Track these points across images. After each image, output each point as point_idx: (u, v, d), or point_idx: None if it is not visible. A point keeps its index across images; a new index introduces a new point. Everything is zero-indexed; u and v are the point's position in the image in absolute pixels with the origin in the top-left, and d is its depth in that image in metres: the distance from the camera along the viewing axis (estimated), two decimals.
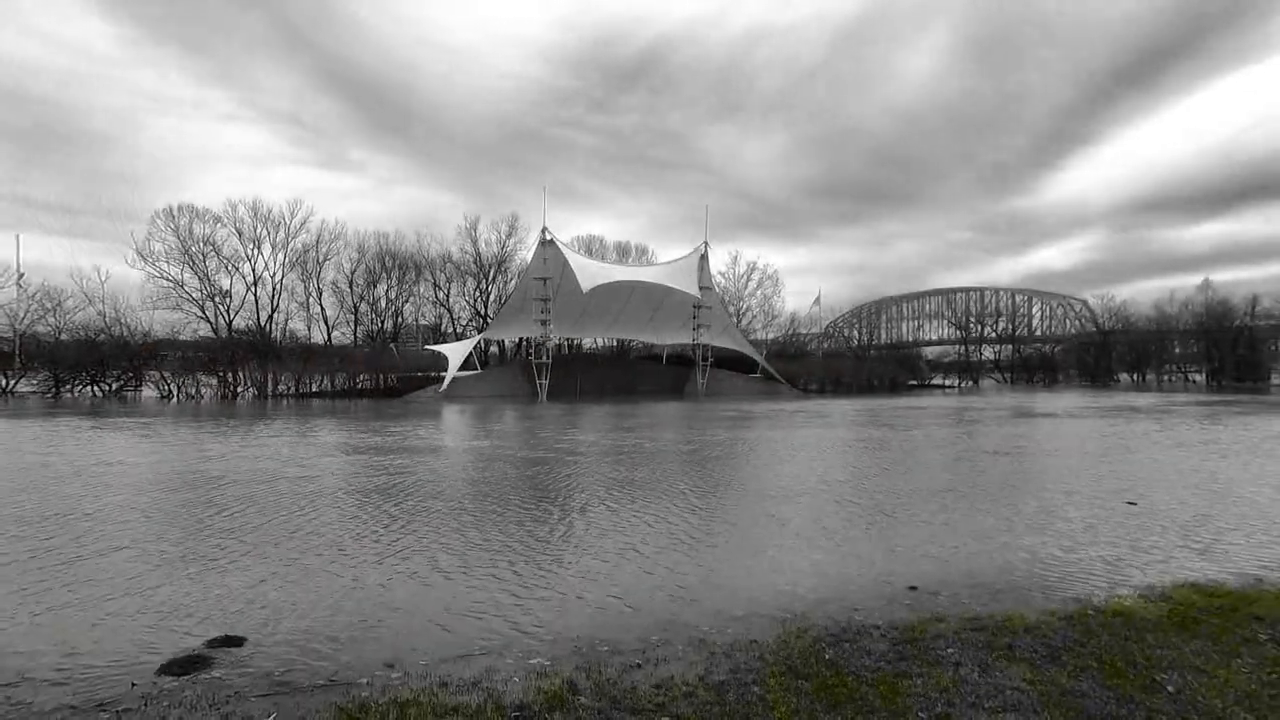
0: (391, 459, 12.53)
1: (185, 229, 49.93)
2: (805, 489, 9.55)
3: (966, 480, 10.42)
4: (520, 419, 24.95)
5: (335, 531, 6.97)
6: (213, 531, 6.93)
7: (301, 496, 8.78)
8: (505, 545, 6.46)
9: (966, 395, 51.69)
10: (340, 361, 44.68)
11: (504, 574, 5.56)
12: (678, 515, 7.84)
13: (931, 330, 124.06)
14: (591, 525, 7.33)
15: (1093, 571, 5.63)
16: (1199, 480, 10.28)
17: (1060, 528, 7.19)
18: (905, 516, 7.78)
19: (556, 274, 42.57)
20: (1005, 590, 5.14)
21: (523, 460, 12.69)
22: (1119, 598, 4.90)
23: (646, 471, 11.17)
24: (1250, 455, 13.28)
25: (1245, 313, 79.26)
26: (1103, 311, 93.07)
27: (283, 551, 6.18)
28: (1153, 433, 18.20)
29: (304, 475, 10.60)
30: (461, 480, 10.35)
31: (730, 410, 29.57)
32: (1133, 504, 8.27)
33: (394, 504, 8.38)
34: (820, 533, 7.02)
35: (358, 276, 58.94)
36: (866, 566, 5.83)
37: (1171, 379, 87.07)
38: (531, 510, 8.07)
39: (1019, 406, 33.03)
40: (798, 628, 4.41)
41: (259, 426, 19.98)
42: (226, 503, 8.41)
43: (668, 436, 17.50)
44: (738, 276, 72.73)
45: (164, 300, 48.85)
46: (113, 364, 40.97)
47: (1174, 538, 6.77)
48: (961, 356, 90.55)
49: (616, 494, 9.14)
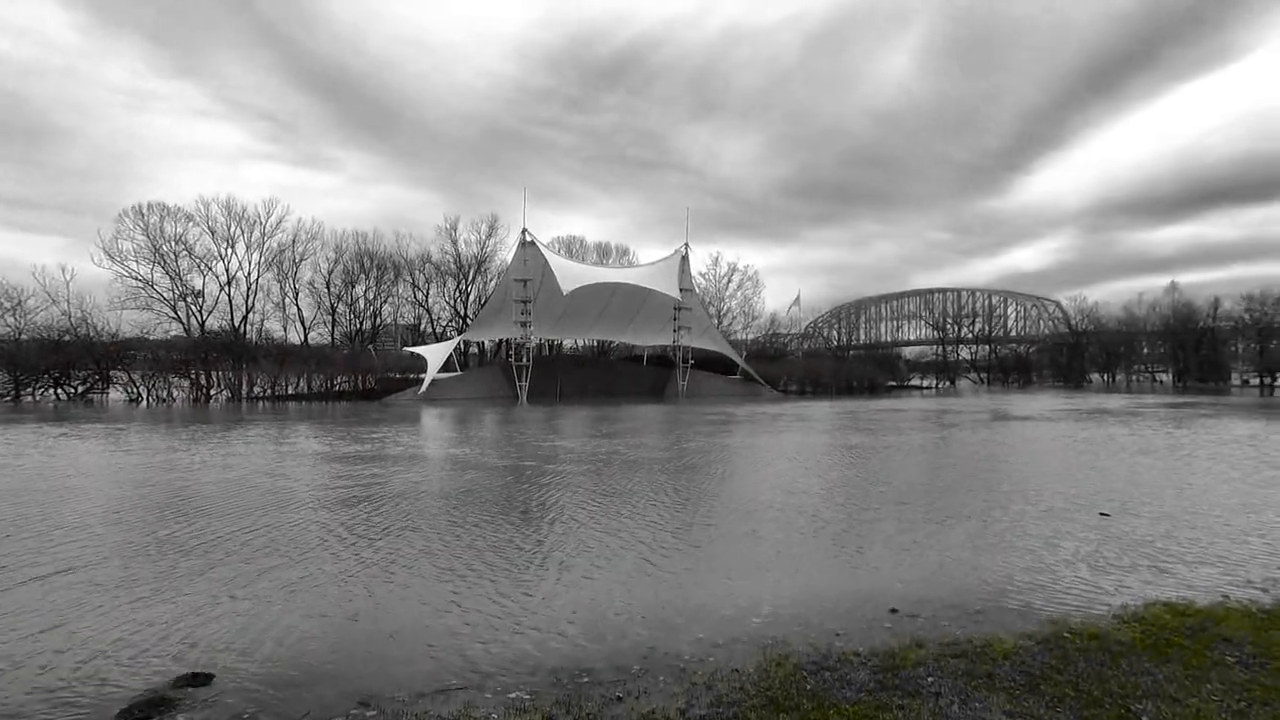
0: (366, 469, 12.32)
1: (155, 227, 48.74)
2: (784, 502, 9.58)
3: (944, 492, 10.54)
4: (499, 424, 24.75)
5: (307, 556, 6.81)
6: (177, 553, 6.72)
7: (270, 511, 8.57)
8: (484, 569, 6.37)
9: (944, 397, 52.49)
10: (317, 364, 43.93)
11: (482, 601, 5.47)
12: (656, 532, 7.80)
13: (910, 330, 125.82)
14: (569, 545, 7.26)
15: (1068, 590, 5.71)
16: (1169, 490, 10.51)
17: (1034, 543, 7.28)
18: (885, 532, 7.83)
19: (537, 275, 42.35)
20: (983, 612, 5.18)
21: (500, 470, 12.56)
22: (1093, 620, 4.97)
23: (625, 483, 11.12)
24: (1213, 462, 13.65)
25: (1208, 315, 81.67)
26: (1075, 313, 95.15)
27: (251, 577, 6.02)
28: (1123, 438, 18.63)
29: (274, 489, 10.36)
30: (437, 495, 10.20)
31: (711, 414, 29.65)
32: (1105, 515, 8.42)
33: (368, 524, 8.22)
34: (801, 550, 7.04)
35: (335, 277, 58.06)
36: (848, 586, 5.84)
37: (1140, 379, 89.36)
38: (508, 531, 7.98)
39: (995, 409, 33.61)
40: (779, 655, 4.39)
41: (231, 433, 19.53)
42: (191, 521, 8.17)
43: (647, 443, 17.47)
44: (719, 277, 73.03)
45: (133, 300, 47.62)
46: (78, 366, 39.81)
47: (1146, 552, 6.90)
48: (939, 357, 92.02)
49: (593, 509, 9.08)
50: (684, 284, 48.04)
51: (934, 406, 37.40)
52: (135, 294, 47.83)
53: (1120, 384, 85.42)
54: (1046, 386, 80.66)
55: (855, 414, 30.16)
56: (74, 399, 38.54)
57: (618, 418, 27.68)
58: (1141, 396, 49.41)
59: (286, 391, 42.10)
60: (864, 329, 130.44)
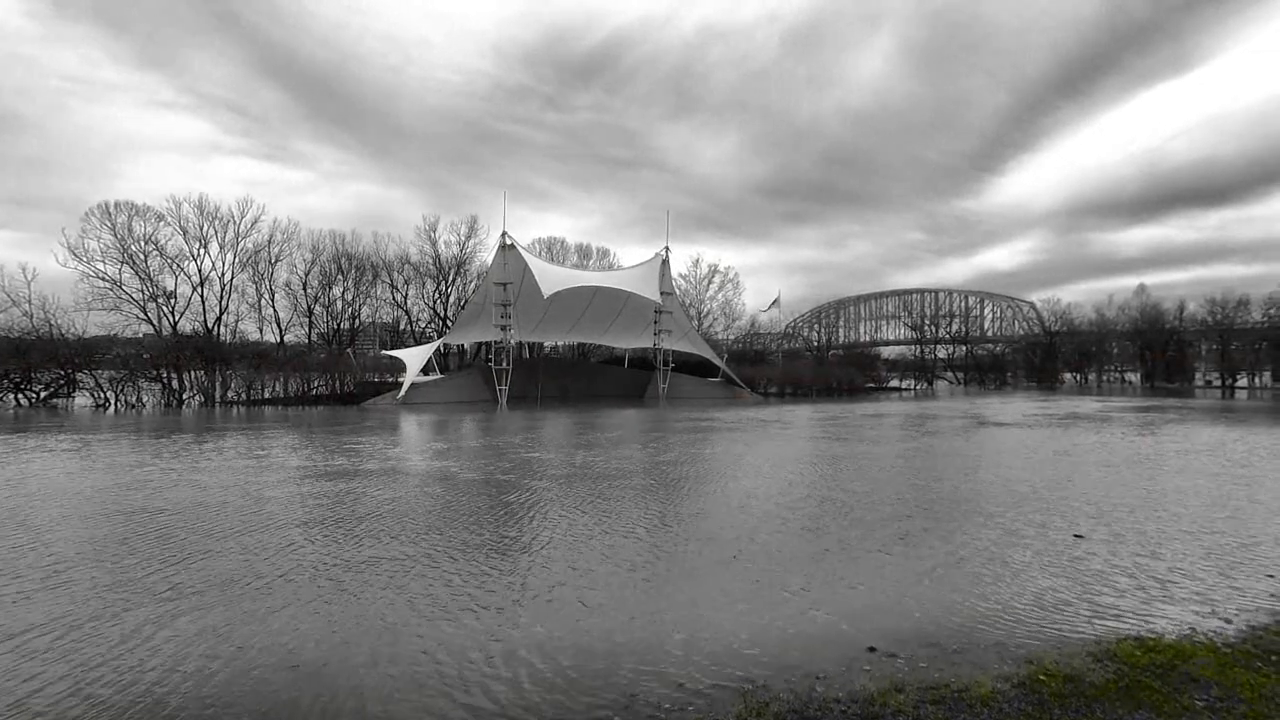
0: (342, 485, 12.09)
1: (124, 227, 47.50)
2: (762, 525, 9.61)
3: (922, 511, 10.65)
4: (478, 432, 24.53)
5: (274, 589, 6.64)
6: (139, 592, 6.51)
7: (238, 535, 8.36)
8: (459, 605, 6.26)
9: (923, 400, 53.23)
10: (295, 368, 43.15)
11: (454, 640, 5.37)
12: (634, 559, 7.76)
13: (889, 331, 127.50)
14: (543, 575, 7.18)
15: (1044, 623, 5.78)
16: (1144, 507, 10.74)
17: (1009, 570, 7.38)
18: (864, 558, 7.88)
19: (517, 278, 42.10)
20: (961, 651, 5.22)
21: (476, 486, 12.41)
22: (1068, 658, 5.03)
23: (603, 502, 11.06)
24: (1182, 478, 13.98)
25: (1174, 317, 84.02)
26: (1049, 314, 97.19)
27: (220, 609, 5.85)
28: (1098, 448, 19.03)
29: (246, 511, 10.12)
30: (410, 514, 10.03)
31: (691, 419, 29.71)
32: (1079, 537, 8.57)
33: (340, 553, 8.05)
34: (781, 579, 7.03)
35: (312, 278, 57.14)
36: (827, 620, 5.85)
37: (1110, 379, 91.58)
38: (480, 561, 7.87)
39: (973, 414, 34.16)
40: (759, 703, 4.38)
41: (206, 444, 19.07)
42: (159, 543, 7.94)
43: (627, 454, 17.44)
44: (699, 279, 73.27)
45: (100, 301, 46.38)
46: (41, 370, 38.63)
47: (1119, 579, 7.02)
48: (917, 357, 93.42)
49: (569, 532, 9.00)
50: (664, 287, 48.08)
51: (914, 410, 37.89)
52: (103, 295, 46.62)
53: (1092, 384, 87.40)
54: (1021, 387, 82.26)
55: (836, 419, 30.43)
56: (36, 404, 37.38)
57: (598, 424, 27.59)
58: (1111, 400, 50.62)
59: (262, 395, 41.32)
60: (843, 329, 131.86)
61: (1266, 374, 77.42)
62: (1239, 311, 77.60)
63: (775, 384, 58.34)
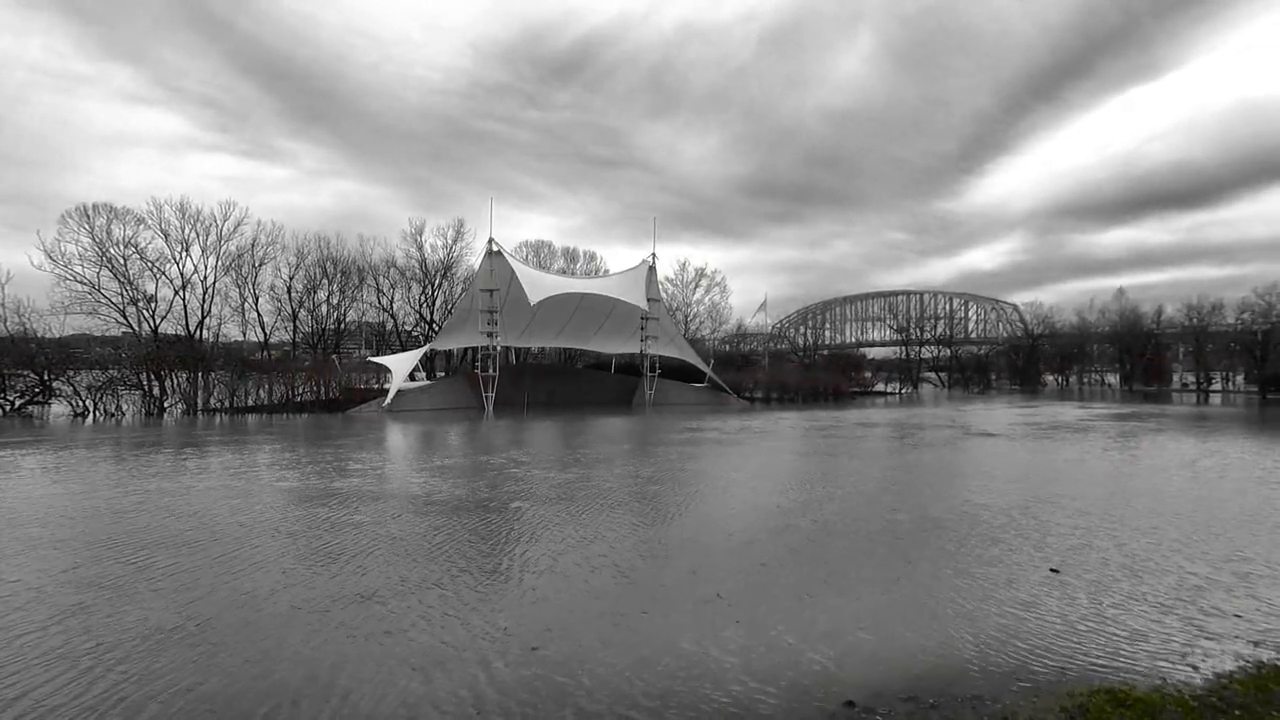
0: (325, 512, 11.97)
1: (103, 230, 46.73)
2: (743, 556, 9.66)
3: (906, 539, 10.75)
4: (463, 443, 24.44)
5: (249, 627, 6.57)
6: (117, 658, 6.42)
7: (216, 568, 8.26)
8: (446, 649, 6.23)
9: (909, 405, 53.73)
10: (279, 374, 42.66)
11: (436, 691, 5.35)
12: (615, 596, 7.76)
13: (874, 332, 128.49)
14: (525, 611, 7.16)
15: (1018, 675, 5.86)
16: (1123, 536, 10.92)
17: (987, 609, 7.48)
18: (844, 595, 7.95)
19: (504, 285, 42.02)
20: (938, 706, 5.28)
21: (460, 508, 12.35)
22: (1041, 714, 5.11)
23: (586, 528, 11.05)
24: (1158, 501, 14.23)
25: (1152, 320, 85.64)
26: (1031, 317, 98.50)
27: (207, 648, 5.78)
28: (1079, 463, 19.31)
29: (223, 542, 10.00)
30: (389, 542, 9.96)
31: (678, 427, 29.77)
32: (1055, 571, 8.70)
33: (312, 591, 7.98)
34: (763, 620, 7.07)
35: (297, 281, 56.60)
36: (807, 668, 5.89)
37: (1091, 382, 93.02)
38: (462, 593, 7.84)
39: (959, 422, 34.53)
40: None
41: (188, 461, 18.81)
42: (137, 574, 7.83)
43: (614, 471, 17.46)
44: (686, 283, 73.44)
45: (78, 304, 45.57)
46: (15, 377, 37.88)
47: (1093, 623, 7.14)
48: (902, 359, 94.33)
49: (550, 561, 8.99)
50: (651, 293, 48.18)
51: (900, 417, 38.26)
52: (81, 298, 45.81)
53: (1073, 387, 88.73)
54: (1004, 390, 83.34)
55: (824, 430, 30.65)
56: (10, 414, 36.63)
57: (584, 434, 27.58)
58: (1092, 405, 51.44)
59: (246, 403, 40.82)
60: (830, 331, 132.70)
61: (1240, 376, 79.17)
62: (1214, 315, 79.36)
63: (762, 388, 58.60)
